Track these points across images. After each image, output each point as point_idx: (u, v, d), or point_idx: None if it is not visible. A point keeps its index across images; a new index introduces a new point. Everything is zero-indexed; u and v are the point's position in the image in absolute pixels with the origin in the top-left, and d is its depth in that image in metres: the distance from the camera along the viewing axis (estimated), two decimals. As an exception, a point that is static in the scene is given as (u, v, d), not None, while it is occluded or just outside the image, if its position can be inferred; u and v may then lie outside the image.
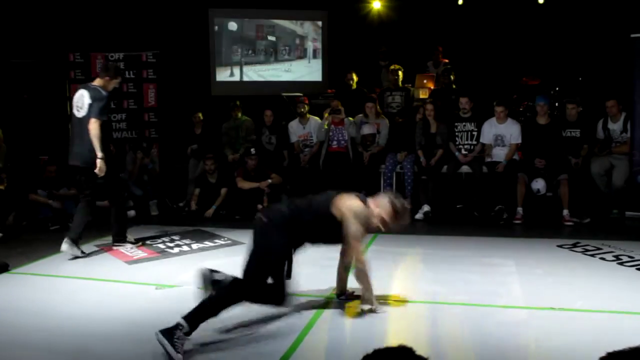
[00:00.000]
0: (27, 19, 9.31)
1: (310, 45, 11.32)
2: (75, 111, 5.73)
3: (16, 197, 7.14)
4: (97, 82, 5.79)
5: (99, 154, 5.51)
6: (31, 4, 9.36)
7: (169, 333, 3.34)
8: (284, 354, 3.38)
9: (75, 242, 5.66)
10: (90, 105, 5.57)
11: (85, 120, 5.58)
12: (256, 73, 11.15)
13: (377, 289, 4.47)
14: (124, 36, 9.51)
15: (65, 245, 5.60)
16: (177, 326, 3.37)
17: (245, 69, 11.10)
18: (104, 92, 5.67)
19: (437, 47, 9.84)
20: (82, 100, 5.65)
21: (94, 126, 5.51)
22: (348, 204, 3.79)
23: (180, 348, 3.31)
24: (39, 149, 8.56)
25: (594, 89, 8.81)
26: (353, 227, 3.74)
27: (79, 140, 5.68)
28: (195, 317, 3.47)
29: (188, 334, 3.41)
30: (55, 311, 4.20)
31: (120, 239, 6.11)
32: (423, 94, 9.02)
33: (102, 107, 5.59)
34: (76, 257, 5.61)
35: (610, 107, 7.26)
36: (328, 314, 4.04)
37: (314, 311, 4.05)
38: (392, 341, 1.60)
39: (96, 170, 5.53)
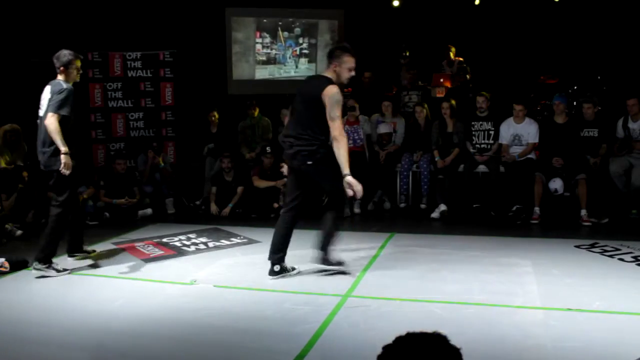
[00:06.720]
0: (46, 19, 9.39)
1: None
2: (39, 111, 5.15)
3: (35, 194, 7.23)
4: (58, 76, 5.15)
5: (62, 148, 4.89)
6: (50, 3, 9.44)
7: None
8: (300, 352, 3.39)
9: (44, 261, 5.02)
10: (50, 100, 4.97)
11: (44, 117, 5.02)
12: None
13: (394, 288, 4.48)
14: (141, 35, 9.57)
15: (35, 270, 5.02)
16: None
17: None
18: (64, 85, 5.02)
19: (447, 46, 9.78)
20: (44, 97, 5.09)
21: (50, 120, 4.88)
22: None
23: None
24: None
25: (614, 88, 8.72)
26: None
27: (39, 141, 5.13)
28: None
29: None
30: (73, 308, 4.25)
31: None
32: (439, 93, 9.00)
33: (61, 100, 4.91)
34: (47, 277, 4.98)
35: (630, 105, 7.17)
36: (344, 312, 4.03)
37: (330, 310, 4.05)
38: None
39: (61, 168, 4.92)
